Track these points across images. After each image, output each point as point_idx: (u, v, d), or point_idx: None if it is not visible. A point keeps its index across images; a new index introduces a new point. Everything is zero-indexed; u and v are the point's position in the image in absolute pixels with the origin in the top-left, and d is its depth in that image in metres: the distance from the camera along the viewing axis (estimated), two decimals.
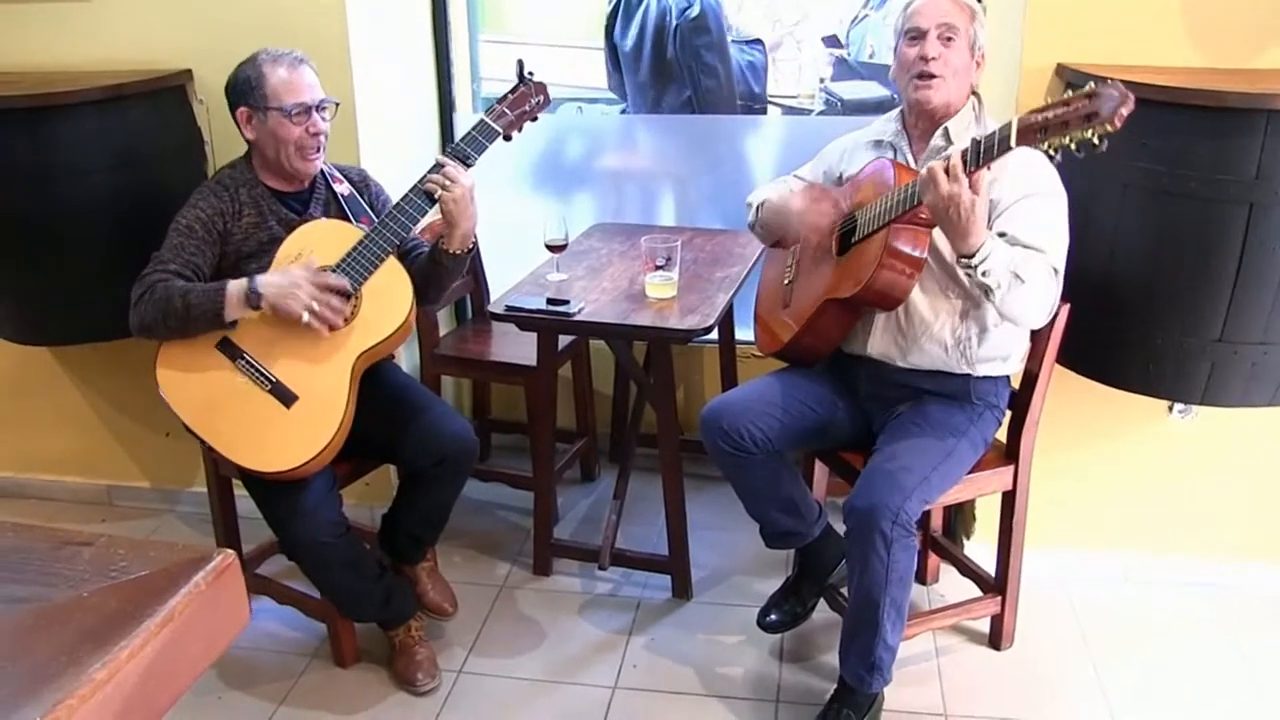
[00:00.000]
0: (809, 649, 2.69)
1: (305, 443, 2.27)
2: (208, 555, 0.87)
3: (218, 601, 0.86)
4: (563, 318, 2.69)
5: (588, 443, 3.48)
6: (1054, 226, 2.22)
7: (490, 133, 2.41)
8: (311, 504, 2.34)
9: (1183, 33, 2.48)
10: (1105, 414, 2.77)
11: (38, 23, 2.93)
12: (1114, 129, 1.84)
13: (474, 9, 3.63)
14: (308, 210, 2.47)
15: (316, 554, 2.40)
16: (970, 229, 2.03)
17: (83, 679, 0.73)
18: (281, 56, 2.37)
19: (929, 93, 2.26)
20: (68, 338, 3.04)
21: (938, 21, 2.24)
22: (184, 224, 2.36)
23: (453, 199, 2.35)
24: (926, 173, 2.03)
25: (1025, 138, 1.92)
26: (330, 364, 2.32)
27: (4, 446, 3.49)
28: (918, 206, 2.11)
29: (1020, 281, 2.09)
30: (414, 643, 2.62)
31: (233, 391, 2.30)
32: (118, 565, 0.87)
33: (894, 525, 2.15)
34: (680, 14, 3.56)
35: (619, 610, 2.86)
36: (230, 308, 2.27)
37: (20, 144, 2.66)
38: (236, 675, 2.65)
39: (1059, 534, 2.91)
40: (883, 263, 2.18)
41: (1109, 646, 2.68)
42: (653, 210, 3.77)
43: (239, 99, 2.38)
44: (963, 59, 2.26)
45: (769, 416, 2.40)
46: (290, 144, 2.37)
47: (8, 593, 0.85)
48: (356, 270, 2.33)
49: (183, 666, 0.82)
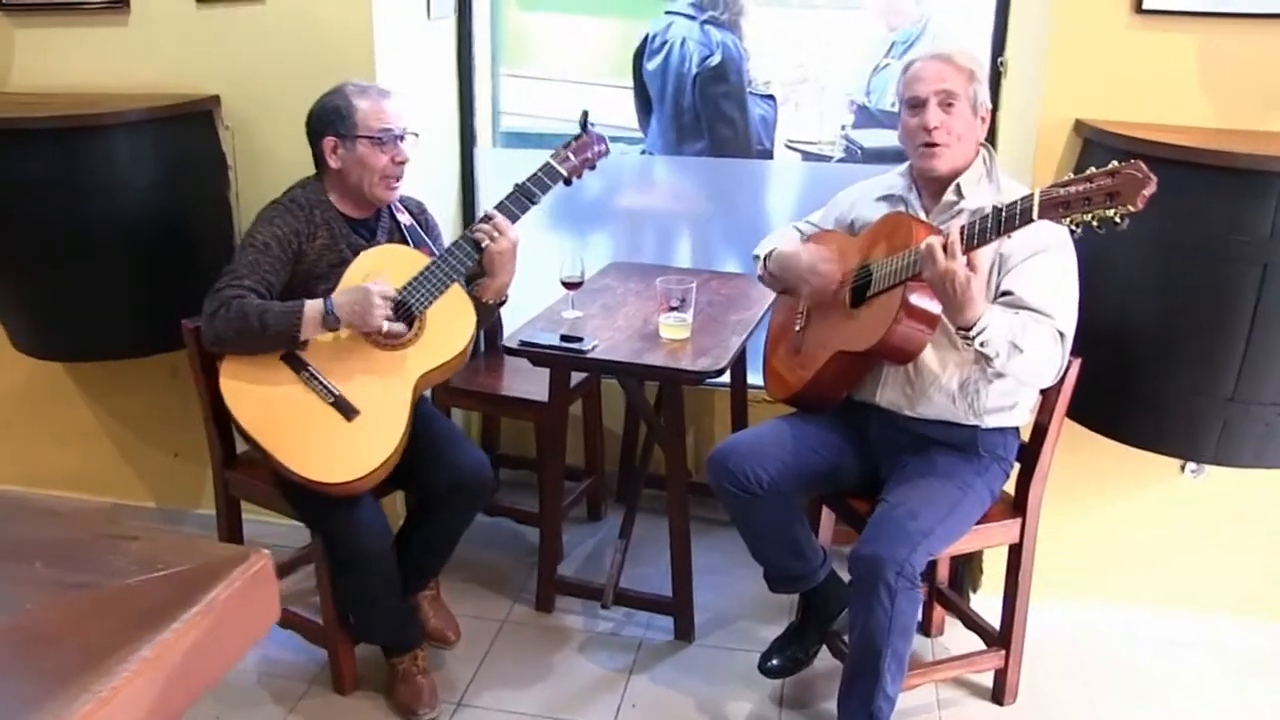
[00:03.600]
0: (810, 695, 2.67)
1: (366, 456, 2.32)
2: (246, 554, 0.94)
3: (253, 597, 0.93)
4: (575, 354, 2.70)
5: (596, 481, 3.48)
6: (1062, 287, 2.22)
7: (554, 174, 2.51)
8: (366, 516, 2.40)
9: (1199, 93, 2.51)
10: (1117, 470, 2.77)
11: (72, 46, 3.00)
12: (1136, 209, 1.85)
13: (496, 44, 3.68)
14: (374, 238, 2.54)
15: (367, 564, 2.45)
16: (965, 304, 2.05)
17: (133, 658, 0.81)
18: (368, 88, 2.46)
19: (934, 161, 2.29)
20: (83, 354, 3.08)
21: (936, 89, 2.25)
22: (260, 241, 2.40)
23: (498, 250, 2.45)
24: (925, 248, 2.05)
25: (1047, 212, 1.94)
26: (393, 381, 2.38)
27: (11, 459, 3.51)
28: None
29: (1019, 351, 2.10)
30: (417, 671, 2.62)
31: (296, 403, 2.34)
32: (163, 559, 0.94)
33: (899, 576, 2.15)
34: (701, 62, 3.60)
35: (620, 650, 2.85)
36: (306, 328, 2.32)
37: (51, 162, 2.71)
38: (236, 698, 2.64)
39: (1067, 589, 2.89)
40: (899, 319, 2.18)
41: (1115, 705, 2.65)
42: (670, 251, 3.80)
43: (325, 128, 2.44)
44: (965, 122, 2.28)
45: (776, 459, 2.40)
46: (376, 172, 2.44)
47: (59, 578, 0.93)
48: (422, 294, 2.40)
49: (220, 653, 0.90)
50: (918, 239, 2.19)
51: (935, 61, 2.29)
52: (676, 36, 3.62)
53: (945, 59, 2.28)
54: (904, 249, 2.21)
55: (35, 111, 2.74)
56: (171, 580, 0.89)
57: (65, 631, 0.85)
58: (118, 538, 0.96)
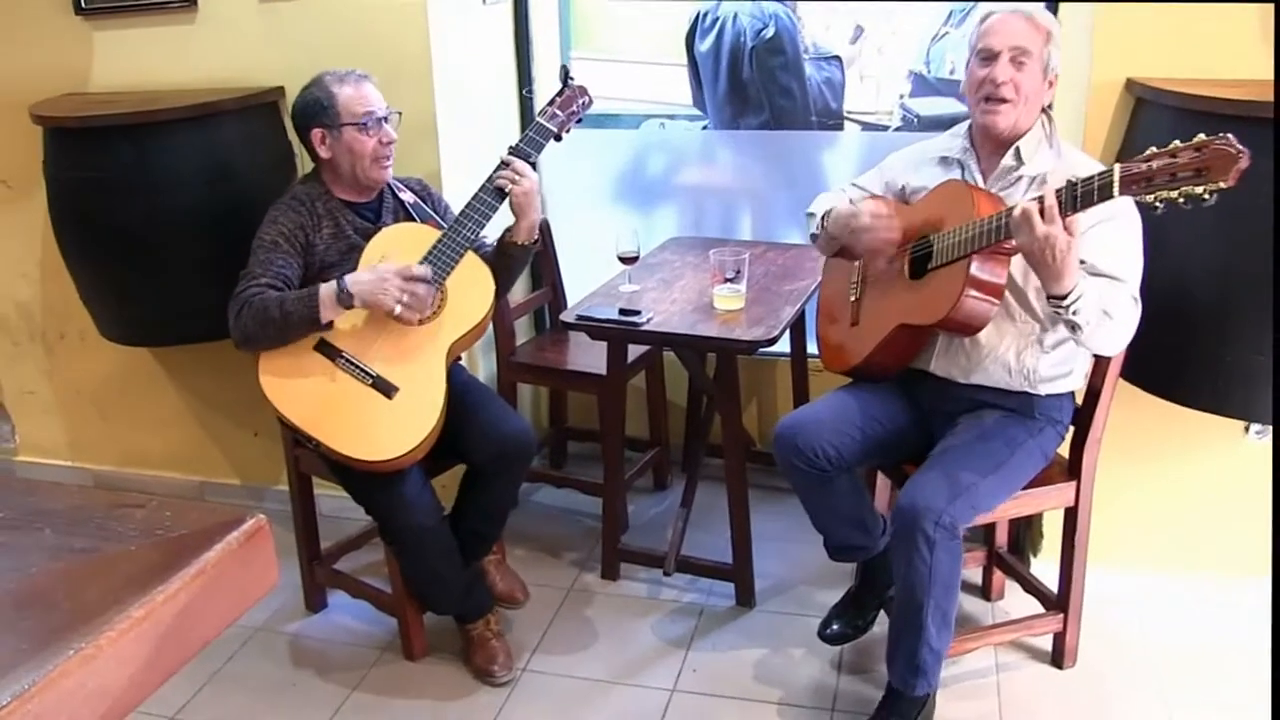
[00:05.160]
0: (868, 661, 2.70)
1: (412, 429, 2.40)
2: (241, 518, 0.98)
3: (249, 560, 0.97)
4: (630, 327, 2.75)
5: (660, 452, 3.54)
6: (1131, 253, 2.19)
7: (545, 132, 2.59)
8: (414, 492, 2.48)
9: (1256, 44, 2.43)
10: (1180, 432, 2.73)
11: (143, 45, 3.13)
12: (1229, 185, 1.78)
13: (565, 28, 3.74)
14: (380, 219, 2.61)
15: (420, 539, 2.54)
16: (1064, 271, 2.00)
17: (122, 616, 0.85)
18: (346, 75, 2.53)
19: (996, 118, 2.24)
20: (165, 339, 3.23)
21: (1011, 44, 2.20)
22: (268, 239, 2.49)
23: (522, 192, 2.52)
24: (1020, 213, 1.99)
25: (1128, 187, 1.86)
26: (425, 354, 2.46)
27: (109, 442, 3.70)
28: (1004, 240, 2.08)
29: (1109, 318, 2.08)
30: (491, 636, 2.71)
31: (336, 389, 2.42)
32: (163, 525, 0.98)
33: (937, 527, 2.16)
34: (755, 35, 3.60)
35: (682, 616, 2.91)
36: (325, 309, 2.39)
37: (125, 158, 2.84)
38: (310, 664, 2.77)
39: (1130, 554, 2.87)
40: (966, 292, 2.14)
41: (1177, 672, 2.62)
42: (731, 225, 3.82)
43: (310, 121, 2.51)
44: (1034, 83, 2.23)
45: (844, 434, 2.40)
46: (366, 157, 2.51)
47: (67, 544, 0.98)
48: (439, 266, 2.47)
49: (213, 614, 0.93)
50: (981, 210, 2.15)
51: (1015, 17, 2.24)
52: (728, 12, 3.63)
53: (1025, 15, 2.24)
54: (965, 220, 2.17)
55: (111, 109, 2.87)
56: (167, 544, 0.94)
57: (64, 593, 0.90)
58: (124, 506, 1.01)
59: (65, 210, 3.00)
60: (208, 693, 2.68)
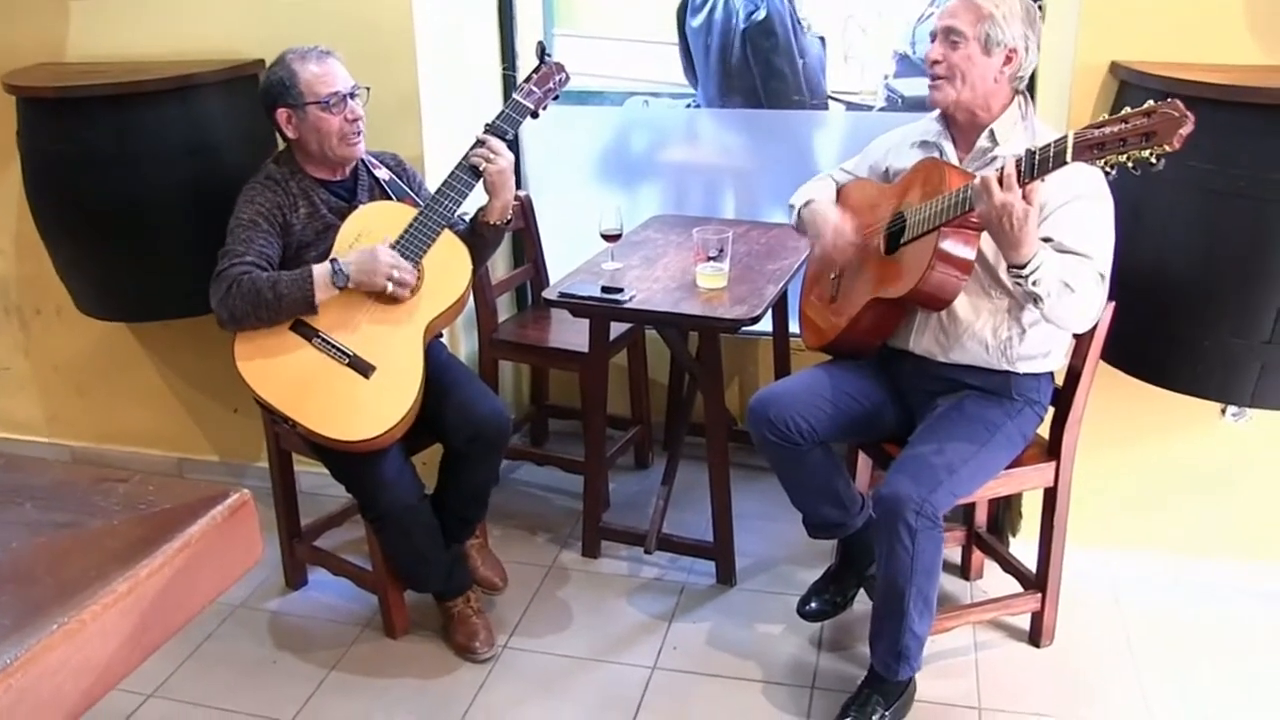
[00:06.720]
0: (848, 638, 2.71)
1: (390, 408, 2.39)
2: (225, 493, 0.98)
3: (233, 535, 0.97)
4: (613, 305, 2.75)
5: (642, 430, 3.54)
6: (1100, 231, 2.21)
7: (522, 109, 2.58)
8: (395, 471, 2.48)
9: (1240, 29, 2.45)
10: (1157, 413, 2.74)
11: (122, 14, 3.08)
12: (1173, 149, 1.82)
13: (549, 5, 3.71)
14: (355, 197, 2.59)
15: (402, 518, 2.53)
16: (1023, 239, 2.03)
17: (106, 590, 0.84)
18: (308, 52, 2.49)
19: (935, 93, 2.31)
20: (145, 314, 3.20)
21: (944, 25, 2.27)
22: (246, 218, 2.46)
23: (497, 170, 2.52)
24: (980, 181, 2.03)
25: (1081, 154, 1.91)
26: (402, 333, 2.44)
27: (86, 418, 3.67)
28: (969, 212, 2.11)
29: (1070, 290, 2.09)
30: (472, 613, 2.71)
31: (314, 369, 2.40)
32: (146, 500, 0.98)
33: (918, 516, 2.18)
34: (747, 17, 3.59)
35: (663, 594, 2.92)
36: (319, 291, 2.38)
37: (105, 130, 2.81)
38: (291, 642, 2.77)
39: (1107, 534, 2.89)
40: (932, 265, 2.18)
41: (1153, 650, 2.65)
42: (715, 203, 3.81)
43: (275, 101, 2.48)
44: (967, 59, 2.24)
45: (816, 408, 2.43)
46: (333, 135, 2.48)
47: (50, 519, 0.97)
48: (415, 245, 2.46)
49: (197, 588, 0.93)
50: (951, 185, 2.19)
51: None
52: None
53: None
54: (936, 195, 2.21)
55: (90, 79, 2.83)
56: (151, 519, 0.93)
57: (47, 568, 0.89)
58: (107, 481, 1.00)
59: (42, 183, 2.96)
60: (188, 669, 2.67)
